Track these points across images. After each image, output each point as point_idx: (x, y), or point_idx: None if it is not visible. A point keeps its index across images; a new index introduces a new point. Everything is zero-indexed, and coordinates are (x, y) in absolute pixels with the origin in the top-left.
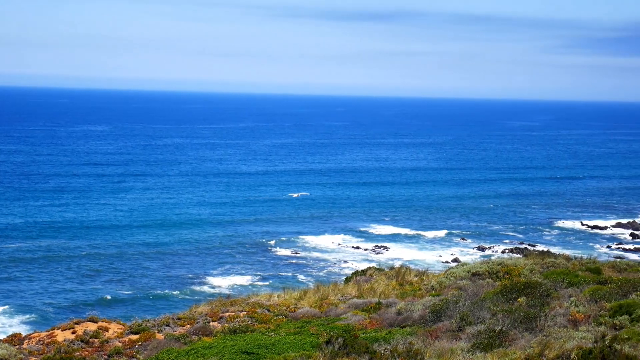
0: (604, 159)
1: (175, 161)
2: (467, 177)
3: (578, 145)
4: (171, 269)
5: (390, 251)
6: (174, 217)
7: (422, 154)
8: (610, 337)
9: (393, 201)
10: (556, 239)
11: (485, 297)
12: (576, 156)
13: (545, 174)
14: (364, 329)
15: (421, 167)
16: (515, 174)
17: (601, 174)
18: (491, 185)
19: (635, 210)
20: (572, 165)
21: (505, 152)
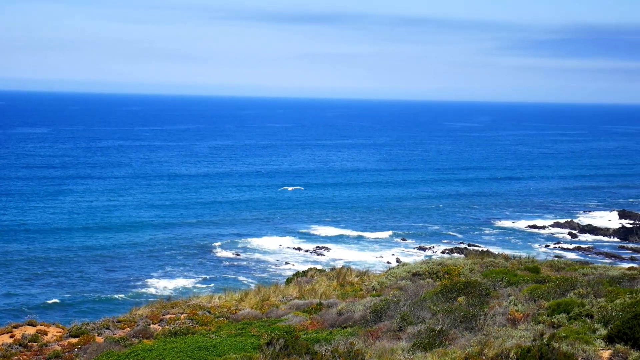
0: (543, 160)
1: (116, 163)
2: (408, 178)
3: (517, 145)
4: (112, 272)
5: (332, 252)
6: (115, 219)
7: (363, 155)
8: (548, 335)
9: (334, 202)
10: (496, 239)
11: (425, 297)
12: (515, 157)
13: (485, 175)
14: (305, 329)
15: (362, 168)
16: (455, 175)
17: (540, 174)
18: (432, 186)
19: (573, 210)
20: (512, 165)
21: (446, 153)
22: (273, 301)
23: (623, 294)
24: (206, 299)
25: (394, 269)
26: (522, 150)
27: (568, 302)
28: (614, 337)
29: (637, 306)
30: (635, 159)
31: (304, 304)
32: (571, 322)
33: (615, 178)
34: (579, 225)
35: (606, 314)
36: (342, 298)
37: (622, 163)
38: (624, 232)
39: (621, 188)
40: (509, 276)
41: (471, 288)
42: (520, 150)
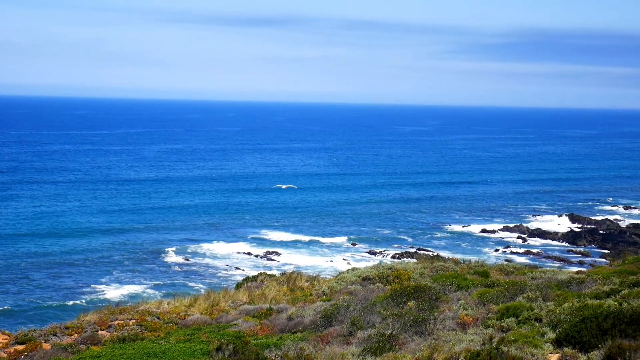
0: (493, 164)
1: (63, 168)
2: (358, 182)
3: (467, 150)
4: (59, 278)
5: (282, 257)
6: (63, 225)
7: (313, 159)
8: (497, 339)
9: (285, 207)
10: (446, 243)
11: (375, 302)
12: (465, 161)
13: (435, 179)
14: (255, 335)
15: (313, 173)
16: (406, 179)
17: (490, 179)
18: (383, 190)
19: (522, 214)
20: (462, 170)
21: (396, 157)
22: (223, 306)
23: (571, 297)
24: (155, 305)
25: (344, 274)
26: (472, 155)
27: (517, 306)
28: (562, 340)
29: (584, 310)
30: (583, 163)
31: (254, 309)
32: (520, 326)
33: (564, 182)
34: (528, 230)
35: (554, 318)
36: (292, 303)
37: (571, 167)
38: (572, 236)
39: (570, 192)
40: (458, 280)
41: (421, 292)
42: (470, 154)
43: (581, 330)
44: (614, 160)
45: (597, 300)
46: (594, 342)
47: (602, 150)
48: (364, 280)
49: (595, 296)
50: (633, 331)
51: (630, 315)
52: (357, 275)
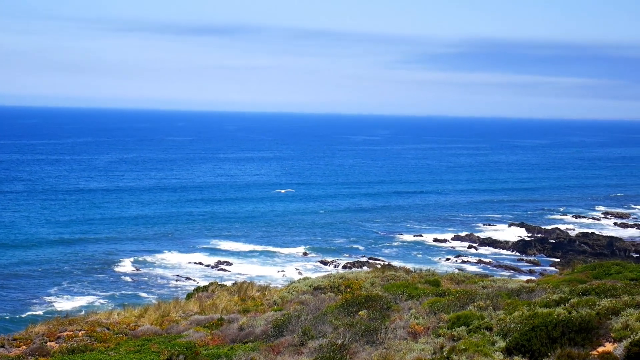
0: (444, 173)
1: (12, 178)
2: (310, 192)
3: (419, 159)
4: (7, 290)
5: (233, 267)
6: (11, 236)
7: (265, 169)
8: (448, 348)
9: (236, 217)
10: (397, 252)
11: (327, 311)
12: (417, 170)
13: (387, 189)
14: (206, 345)
15: (264, 182)
16: (358, 189)
17: (441, 188)
18: (335, 200)
19: (473, 223)
20: (413, 179)
21: (349, 166)
22: (173, 317)
23: (521, 306)
24: (105, 315)
25: (296, 283)
26: (423, 164)
27: (468, 315)
28: (512, 349)
29: (534, 318)
30: (534, 173)
31: (205, 319)
32: (471, 335)
33: (514, 192)
34: (479, 239)
35: (505, 327)
36: (244, 313)
37: (522, 177)
38: (522, 245)
39: (521, 201)
40: (409, 289)
41: (372, 302)
42: (422, 163)
43: (531, 338)
44: (564, 169)
45: (546, 308)
46: (543, 351)
47: (552, 160)
48: (316, 289)
49: (545, 305)
50: (582, 339)
51: (579, 324)
52: (308, 285)
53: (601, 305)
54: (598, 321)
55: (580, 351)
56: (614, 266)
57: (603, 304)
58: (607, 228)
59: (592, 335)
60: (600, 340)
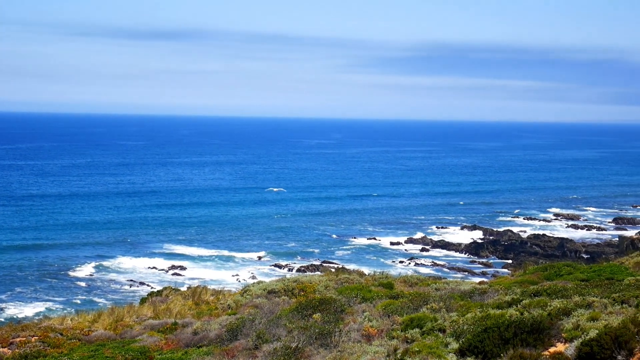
0: (397, 177)
1: None
2: (264, 196)
3: (373, 162)
4: None
5: (188, 271)
6: None
7: (219, 173)
8: (402, 350)
9: (191, 221)
10: (351, 256)
11: (281, 315)
12: (371, 174)
13: (340, 192)
14: (160, 350)
15: (218, 187)
16: (312, 192)
17: (394, 192)
18: (289, 204)
19: (426, 226)
20: (367, 182)
21: (303, 170)
22: (127, 322)
23: (474, 308)
24: (58, 321)
25: (250, 287)
26: (378, 167)
27: (421, 317)
28: (465, 350)
29: (487, 320)
30: (487, 176)
31: (159, 323)
32: (424, 337)
33: (467, 194)
34: (432, 241)
35: (458, 328)
36: (198, 317)
37: (475, 179)
38: (475, 247)
39: (473, 204)
40: (363, 292)
41: (326, 305)
42: (376, 167)
43: (484, 340)
44: (516, 172)
45: (499, 310)
46: (496, 352)
47: (504, 163)
48: (270, 293)
49: (498, 306)
50: (534, 340)
51: (531, 325)
52: (262, 289)
53: (552, 306)
54: (549, 322)
55: (532, 352)
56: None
57: (554, 305)
58: (559, 229)
59: (543, 336)
60: (551, 341)
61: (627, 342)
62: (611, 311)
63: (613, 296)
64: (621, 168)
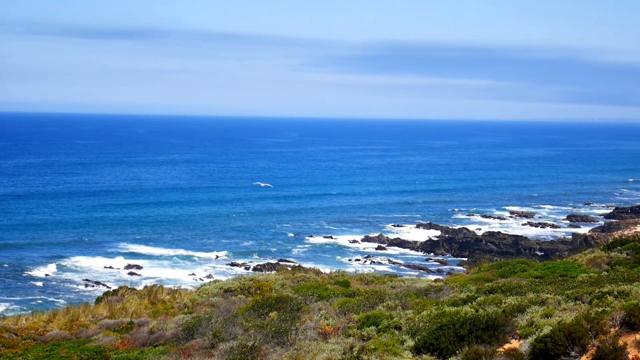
0: (353, 175)
1: None
2: (221, 195)
3: (329, 161)
4: None
5: (144, 270)
6: None
7: (176, 172)
8: (358, 348)
9: (147, 221)
10: (307, 254)
11: (237, 313)
12: (327, 172)
13: (297, 191)
14: (115, 349)
15: (175, 186)
16: (268, 191)
17: (351, 190)
18: (246, 203)
19: (382, 224)
20: (324, 181)
21: (259, 169)
22: (83, 321)
23: (429, 305)
24: (12, 321)
25: (206, 286)
26: (334, 166)
27: (377, 315)
28: (421, 347)
29: (442, 317)
30: (443, 174)
31: (115, 323)
32: (380, 334)
33: (423, 193)
34: (388, 239)
35: (413, 326)
36: (154, 316)
37: (430, 178)
38: (431, 245)
39: (429, 202)
40: (319, 290)
41: (283, 303)
42: (332, 165)
43: (439, 337)
44: (472, 170)
45: (454, 307)
46: (451, 349)
47: (460, 161)
48: (226, 292)
49: (453, 303)
50: (489, 337)
51: (486, 322)
52: (219, 287)
53: (507, 303)
54: (504, 319)
55: (487, 348)
56: (519, 264)
57: (509, 302)
58: (513, 227)
59: (498, 333)
60: (506, 338)
61: (580, 338)
62: (565, 308)
63: (566, 293)
64: (575, 166)
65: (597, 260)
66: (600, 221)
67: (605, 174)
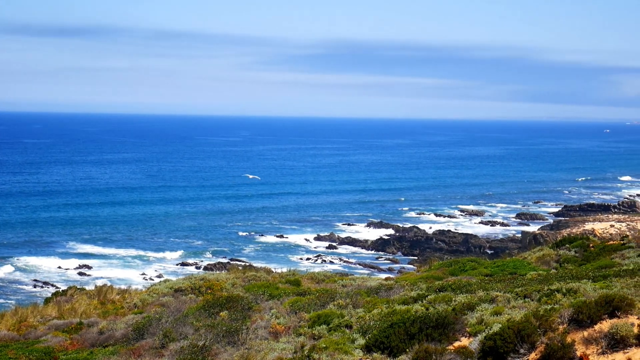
0: (305, 174)
1: None
2: (172, 193)
3: (280, 160)
4: None
5: (94, 270)
6: None
7: (126, 172)
8: (309, 347)
9: (97, 220)
10: (258, 253)
11: (188, 313)
12: (278, 171)
13: (248, 190)
14: (65, 350)
15: (126, 185)
16: (220, 190)
17: (302, 189)
18: (196, 202)
19: (333, 223)
20: (275, 180)
21: (210, 168)
22: (31, 322)
23: (380, 304)
24: None
25: (156, 286)
26: (284, 164)
27: (328, 314)
28: (372, 346)
29: (393, 315)
30: (394, 173)
31: (64, 323)
32: (331, 333)
33: (374, 192)
34: (339, 238)
35: (364, 324)
36: (104, 316)
37: (381, 176)
38: (381, 244)
39: (380, 201)
40: (271, 290)
41: (233, 302)
42: (283, 164)
43: (389, 335)
44: (424, 169)
45: (405, 305)
46: (402, 347)
47: (411, 160)
48: (177, 291)
49: (403, 302)
50: (439, 335)
51: (436, 320)
52: (169, 287)
53: (457, 301)
54: (454, 317)
55: (437, 346)
56: (469, 262)
57: (459, 300)
58: (464, 225)
59: (448, 331)
60: (456, 335)
61: (529, 335)
62: (514, 305)
63: (516, 291)
64: (524, 164)
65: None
66: (550, 219)
67: (554, 172)
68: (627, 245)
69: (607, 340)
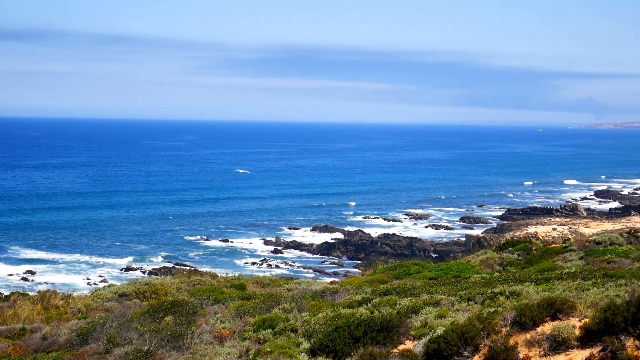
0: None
1: None
2: (116, 198)
3: (225, 164)
4: None
5: (37, 276)
6: None
7: (70, 176)
8: (254, 351)
9: (40, 225)
10: (203, 258)
11: (132, 318)
12: (222, 175)
13: (193, 195)
14: (7, 356)
15: (69, 190)
16: (164, 195)
17: (247, 194)
18: (140, 207)
19: (279, 227)
20: (220, 185)
21: (154, 173)
22: None
23: (325, 307)
24: None
25: (101, 291)
26: (229, 169)
27: (273, 318)
28: (317, 349)
29: (338, 319)
30: (339, 177)
31: (6, 329)
32: (276, 337)
33: (319, 196)
34: (284, 242)
35: (309, 328)
36: (47, 322)
37: (326, 181)
38: (326, 248)
39: (325, 205)
40: (215, 294)
41: (178, 307)
42: (227, 168)
43: (334, 339)
44: (368, 173)
45: (349, 309)
46: (347, 350)
47: (356, 164)
48: (121, 296)
49: (348, 305)
50: (384, 338)
51: (380, 323)
52: (113, 292)
53: (402, 305)
54: (399, 320)
55: (382, 350)
56: (413, 266)
57: (403, 303)
58: (409, 229)
59: (393, 334)
60: (401, 339)
61: (472, 338)
62: (458, 308)
63: (460, 294)
64: (468, 168)
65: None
66: (493, 223)
67: (498, 176)
68: (569, 249)
69: (549, 342)
